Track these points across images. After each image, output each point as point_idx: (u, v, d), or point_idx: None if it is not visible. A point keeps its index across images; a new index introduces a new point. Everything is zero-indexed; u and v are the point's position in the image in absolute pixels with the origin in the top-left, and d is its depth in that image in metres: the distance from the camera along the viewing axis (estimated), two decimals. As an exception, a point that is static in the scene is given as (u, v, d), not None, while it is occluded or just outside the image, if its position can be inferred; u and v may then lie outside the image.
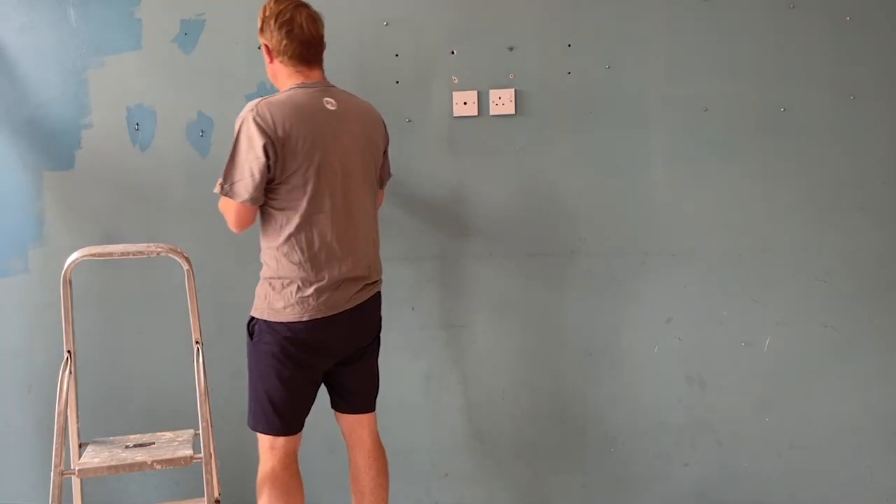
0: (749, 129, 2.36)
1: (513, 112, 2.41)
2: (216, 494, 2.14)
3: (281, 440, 2.02)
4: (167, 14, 2.48)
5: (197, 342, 2.21)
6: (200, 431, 2.16)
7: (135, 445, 2.18)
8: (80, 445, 2.25)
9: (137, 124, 2.52)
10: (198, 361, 2.17)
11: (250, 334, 2.03)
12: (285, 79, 2.04)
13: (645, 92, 2.37)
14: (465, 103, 2.42)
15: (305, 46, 1.99)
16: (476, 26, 2.40)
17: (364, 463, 2.18)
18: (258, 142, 1.88)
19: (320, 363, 2.04)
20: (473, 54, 2.41)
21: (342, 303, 2.00)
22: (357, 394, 2.16)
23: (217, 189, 1.95)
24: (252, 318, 2.03)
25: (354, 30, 2.43)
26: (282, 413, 2.01)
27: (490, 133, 2.44)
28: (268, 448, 2.04)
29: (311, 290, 1.96)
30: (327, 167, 1.96)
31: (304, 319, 1.96)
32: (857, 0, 2.27)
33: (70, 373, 2.11)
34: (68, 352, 2.13)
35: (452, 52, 2.42)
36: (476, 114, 2.42)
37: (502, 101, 2.41)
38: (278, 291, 1.98)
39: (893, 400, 2.40)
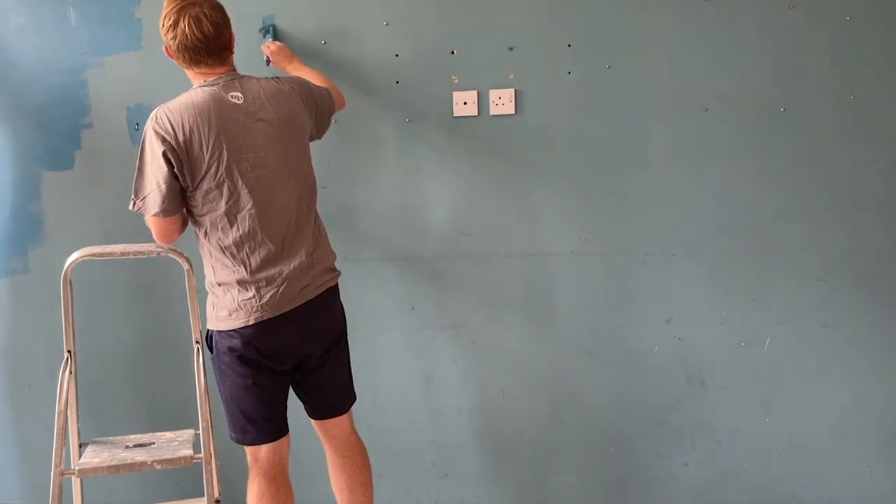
0: (749, 129, 2.35)
1: (513, 112, 2.41)
2: (216, 494, 2.14)
3: (263, 450, 2.00)
4: (167, 14, 2.48)
5: (197, 342, 2.21)
6: (200, 431, 2.16)
7: (135, 445, 2.18)
8: (80, 445, 2.25)
9: (137, 124, 2.52)
10: (198, 361, 2.17)
11: (209, 348, 2.01)
12: (191, 78, 1.98)
13: (645, 92, 2.37)
14: (465, 103, 2.42)
15: (192, 51, 1.90)
16: (476, 26, 2.40)
17: (339, 461, 2.16)
18: (158, 150, 1.84)
19: (281, 365, 2.00)
20: (473, 54, 2.41)
21: (289, 300, 1.94)
22: (327, 401, 2.13)
23: (130, 206, 1.91)
24: (207, 331, 2.01)
25: (354, 30, 2.43)
26: (254, 421, 1.98)
27: (490, 133, 2.43)
28: (253, 461, 2.02)
29: (251, 292, 1.92)
30: (240, 164, 1.89)
31: (250, 323, 1.92)
32: (857, 0, 2.27)
33: (70, 373, 2.11)
34: (68, 352, 2.13)
35: (452, 52, 2.42)
36: (476, 114, 2.42)
37: (502, 101, 2.40)
38: (221, 298, 1.95)
39: (893, 400, 2.40)
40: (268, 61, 2.35)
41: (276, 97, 1.98)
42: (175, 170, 1.86)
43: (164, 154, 1.84)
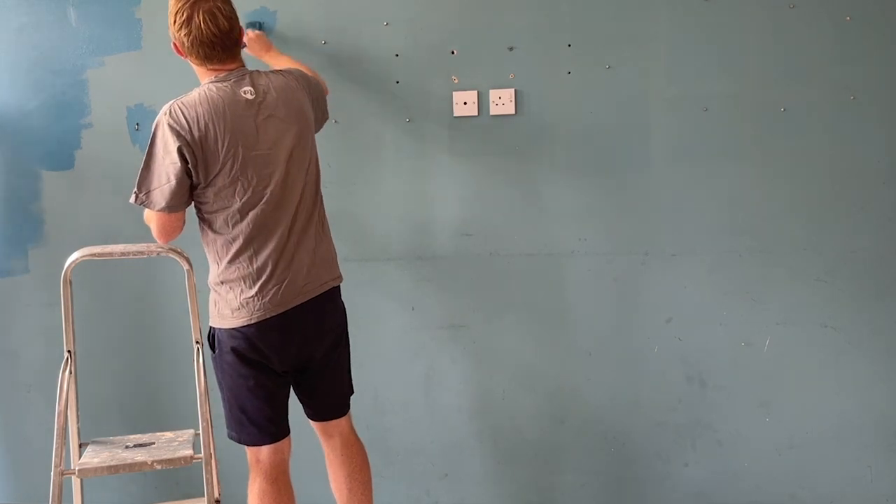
0: (749, 129, 2.35)
1: (513, 112, 2.41)
2: (216, 494, 2.15)
3: (265, 451, 2.00)
4: (167, 14, 2.48)
5: (197, 342, 2.22)
6: (200, 431, 2.16)
7: (135, 445, 2.18)
8: (80, 445, 2.25)
9: (137, 124, 2.52)
10: (198, 361, 2.18)
11: (211, 346, 2.00)
12: (200, 75, 1.97)
13: (645, 92, 2.37)
14: (465, 103, 2.42)
15: (208, 47, 1.88)
16: (476, 26, 2.40)
17: (339, 461, 2.16)
18: (173, 146, 1.82)
19: (282, 365, 1.99)
20: (473, 54, 2.41)
21: (291, 297, 1.94)
22: (328, 403, 2.13)
23: (132, 199, 1.89)
24: (210, 329, 2.00)
25: (354, 30, 2.43)
26: (256, 421, 1.98)
27: (490, 133, 2.43)
28: (254, 462, 2.01)
29: (255, 290, 1.91)
30: (254, 160, 1.89)
31: (253, 321, 1.91)
32: (857, 0, 2.27)
33: (70, 373, 2.11)
34: (68, 352, 2.14)
35: (452, 52, 2.42)
36: (476, 114, 2.42)
37: (502, 101, 2.40)
38: (224, 296, 1.95)
39: (893, 400, 2.40)
40: (242, 46, 2.33)
41: (284, 92, 1.98)
42: (189, 166, 1.84)
43: (180, 150, 1.82)
